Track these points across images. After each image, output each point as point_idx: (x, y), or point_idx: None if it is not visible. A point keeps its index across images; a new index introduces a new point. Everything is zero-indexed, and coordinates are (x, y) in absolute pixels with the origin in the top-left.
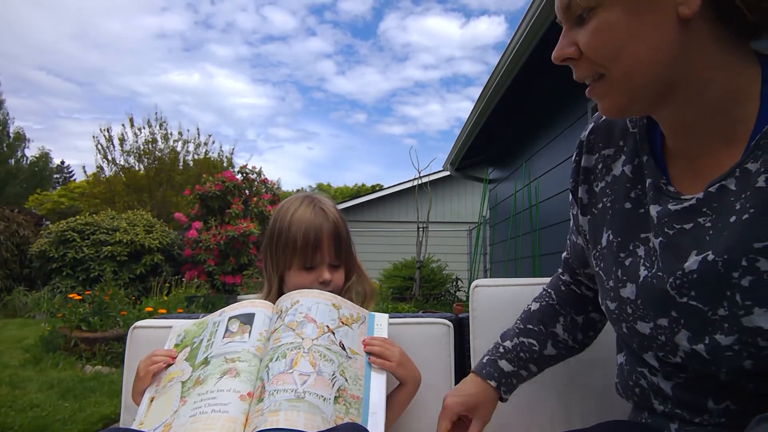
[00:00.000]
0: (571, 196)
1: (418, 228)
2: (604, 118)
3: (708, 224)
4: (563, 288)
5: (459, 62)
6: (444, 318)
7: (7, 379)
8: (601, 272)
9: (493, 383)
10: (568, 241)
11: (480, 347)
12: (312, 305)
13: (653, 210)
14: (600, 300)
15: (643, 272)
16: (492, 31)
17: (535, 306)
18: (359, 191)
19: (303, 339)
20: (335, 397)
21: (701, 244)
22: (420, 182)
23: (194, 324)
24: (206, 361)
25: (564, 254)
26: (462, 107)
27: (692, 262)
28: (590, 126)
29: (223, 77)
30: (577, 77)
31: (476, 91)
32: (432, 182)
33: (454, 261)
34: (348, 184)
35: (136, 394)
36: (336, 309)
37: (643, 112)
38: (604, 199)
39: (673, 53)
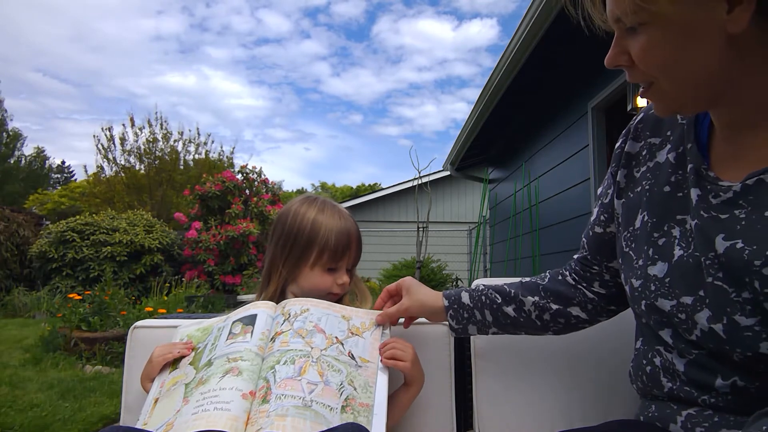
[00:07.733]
0: (607, 181)
1: (418, 228)
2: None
3: (742, 215)
4: (559, 278)
5: (452, 64)
6: None
7: (7, 379)
8: (631, 252)
9: (446, 302)
10: (584, 239)
11: (480, 347)
12: (322, 316)
13: (693, 193)
14: (624, 281)
15: (678, 252)
16: (484, 33)
17: (525, 279)
18: (358, 191)
19: (312, 348)
20: (343, 406)
21: (732, 232)
22: (420, 182)
23: (198, 329)
24: (209, 363)
25: (576, 256)
26: (457, 108)
27: (720, 246)
28: (640, 115)
29: (219, 79)
30: (629, 80)
31: (471, 93)
32: (432, 182)
33: (454, 261)
34: (349, 184)
35: (145, 379)
36: (346, 320)
37: (695, 112)
38: (643, 182)
39: (723, 66)
